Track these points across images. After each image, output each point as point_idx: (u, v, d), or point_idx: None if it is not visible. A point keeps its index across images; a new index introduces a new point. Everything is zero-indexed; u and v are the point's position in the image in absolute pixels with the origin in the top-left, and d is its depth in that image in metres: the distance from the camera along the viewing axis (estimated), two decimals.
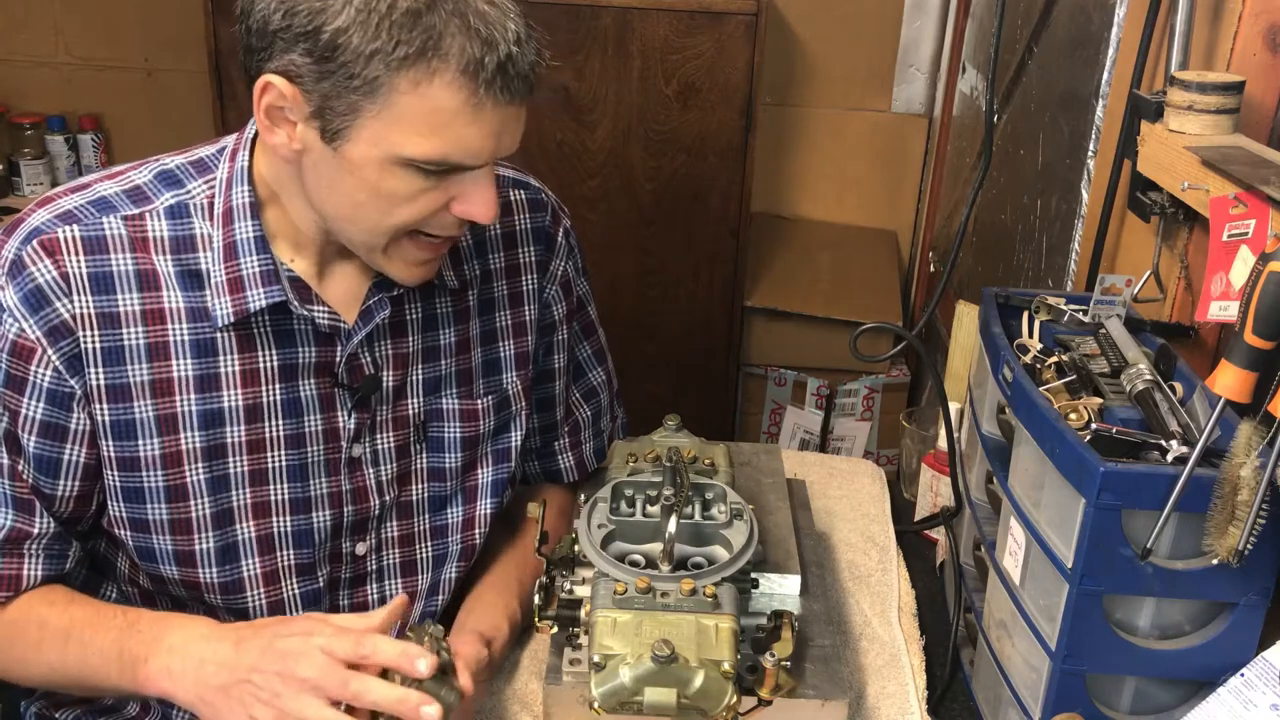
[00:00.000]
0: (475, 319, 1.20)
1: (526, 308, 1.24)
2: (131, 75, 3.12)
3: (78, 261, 1.03)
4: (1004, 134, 2.31)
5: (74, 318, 1.03)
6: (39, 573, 1.08)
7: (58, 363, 1.03)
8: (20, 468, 1.05)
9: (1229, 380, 0.93)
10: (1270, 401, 0.90)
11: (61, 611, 1.07)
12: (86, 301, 1.03)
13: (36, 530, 1.07)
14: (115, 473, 1.07)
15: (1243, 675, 0.96)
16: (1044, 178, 1.97)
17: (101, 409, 1.05)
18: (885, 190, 3.14)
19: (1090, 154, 1.72)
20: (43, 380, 1.03)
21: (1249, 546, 0.88)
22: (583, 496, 1.11)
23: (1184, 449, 0.97)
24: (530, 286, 1.24)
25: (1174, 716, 1.02)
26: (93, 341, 1.03)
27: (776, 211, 3.16)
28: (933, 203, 3.00)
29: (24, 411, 1.04)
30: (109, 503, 1.09)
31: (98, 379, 1.04)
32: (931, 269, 2.92)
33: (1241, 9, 1.27)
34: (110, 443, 1.06)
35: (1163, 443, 0.99)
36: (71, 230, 1.04)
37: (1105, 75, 1.68)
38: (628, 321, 2.68)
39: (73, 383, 1.04)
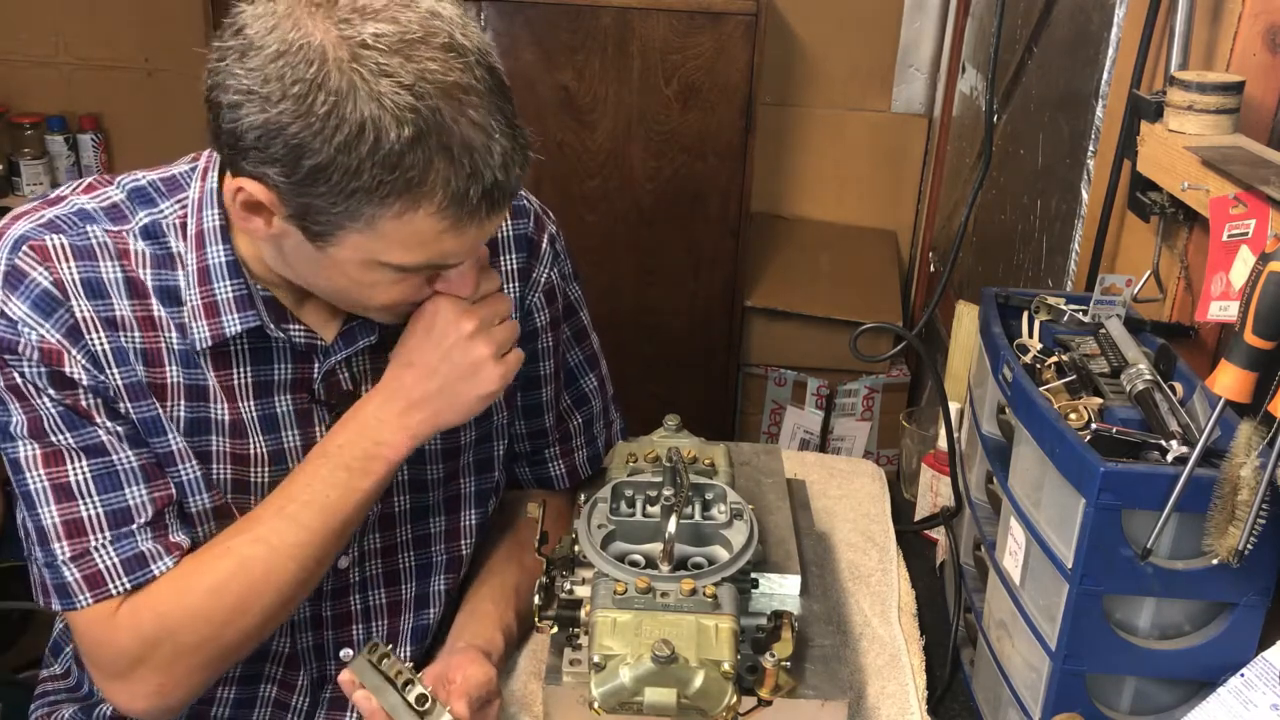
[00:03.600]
0: None
1: None
2: (131, 75, 3.11)
3: (69, 268, 1.01)
4: (1004, 134, 2.31)
5: (81, 320, 1.01)
6: (185, 539, 1.06)
7: (84, 361, 1.01)
8: (134, 433, 1.03)
9: (1229, 380, 0.93)
10: (1270, 401, 0.90)
11: (250, 514, 1.06)
12: (85, 305, 1.01)
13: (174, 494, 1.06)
14: None
15: (1243, 675, 0.96)
16: (1044, 178, 1.97)
17: (125, 406, 1.04)
18: (885, 190, 3.14)
19: (1090, 154, 1.72)
20: (81, 377, 1.01)
21: (1249, 546, 0.88)
22: (583, 497, 1.11)
23: (1184, 449, 0.97)
24: (512, 295, 1.21)
25: (1174, 716, 1.02)
26: (100, 343, 1.02)
27: (776, 211, 3.16)
28: (933, 203, 3.00)
29: (84, 400, 1.02)
30: None
31: (114, 378, 1.03)
32: (931, 269, 2.92)
33: (1241, 9, 1.27)
34: None
35: (1163, 443, 0.99)
36: (59, 238, 1.02)
37: (1105, 75, 1.68)
38: (628, 322, 2.68)
39: (101, 378, 1.02)
